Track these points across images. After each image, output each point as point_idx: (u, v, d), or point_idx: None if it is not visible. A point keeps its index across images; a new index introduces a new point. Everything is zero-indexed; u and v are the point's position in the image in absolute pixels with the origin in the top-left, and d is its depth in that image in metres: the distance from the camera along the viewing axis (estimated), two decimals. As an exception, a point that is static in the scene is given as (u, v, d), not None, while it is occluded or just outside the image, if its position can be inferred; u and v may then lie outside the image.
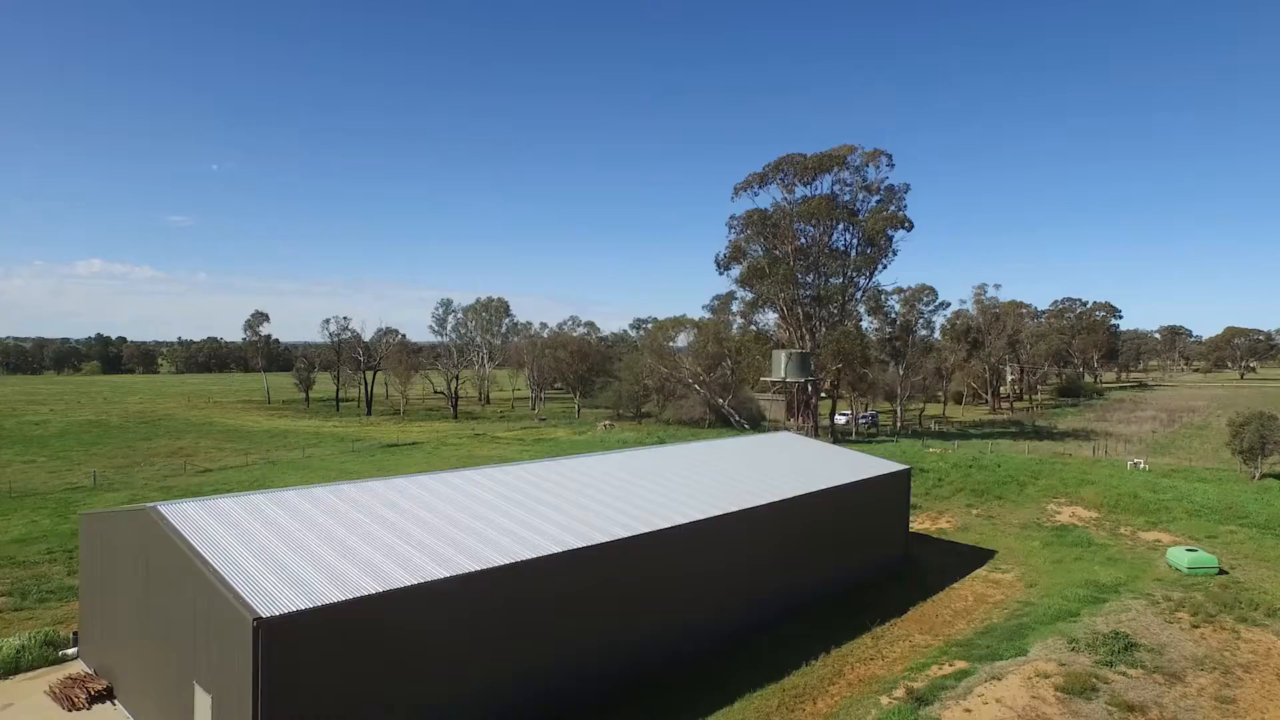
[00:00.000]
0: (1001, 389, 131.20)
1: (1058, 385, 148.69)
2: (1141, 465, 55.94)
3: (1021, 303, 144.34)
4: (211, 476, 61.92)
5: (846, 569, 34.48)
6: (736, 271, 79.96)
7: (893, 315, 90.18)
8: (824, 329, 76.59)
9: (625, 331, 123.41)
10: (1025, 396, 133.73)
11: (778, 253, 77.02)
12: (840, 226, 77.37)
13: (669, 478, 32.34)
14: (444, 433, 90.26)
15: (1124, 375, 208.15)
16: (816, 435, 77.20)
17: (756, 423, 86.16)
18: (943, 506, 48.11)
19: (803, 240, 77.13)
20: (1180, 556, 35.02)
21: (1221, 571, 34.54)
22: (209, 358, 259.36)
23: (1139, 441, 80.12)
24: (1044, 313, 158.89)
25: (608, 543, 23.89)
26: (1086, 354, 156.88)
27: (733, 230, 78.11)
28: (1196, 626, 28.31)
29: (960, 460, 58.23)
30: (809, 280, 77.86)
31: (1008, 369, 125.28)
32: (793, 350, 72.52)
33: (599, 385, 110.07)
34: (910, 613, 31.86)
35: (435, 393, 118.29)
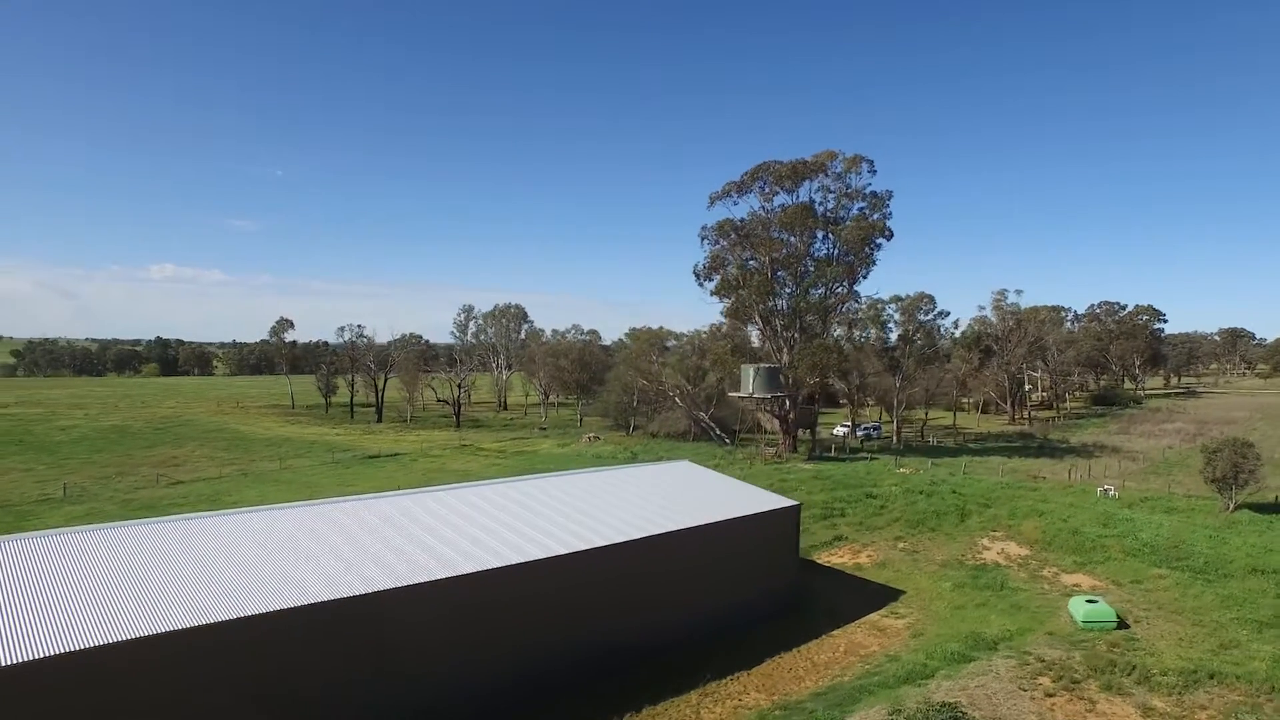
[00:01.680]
0: (1033, 396, 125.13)
1: (1093, 393, 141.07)
2: (1111, 492, 52.20)
3: (1058, 307, 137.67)
4: (178, 489, 63.59)
5: (714, 613, 32.92)
6: (715, 283, 78.01)
7: (888, 325, 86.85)
8: (802, 341, 74.08)
9: (622, 340, 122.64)
10: (1054, 405, 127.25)
11: (753, 263, 74.87)
12: (820, 235, 74.80)
13: (524, 512, 31.50)
14: (434, 443, 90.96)
15: (1175, 380, 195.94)
16: (795, 449, 74.89)
17: (733, 436, 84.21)
18: (871, 538, 45.68)
19: (784, 250, 74.81)
20: (1078, 608, 32.22)
21: (1122, 625, 31.63)
22: (259, 359, 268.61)
23: (1145, 459, 75.11)
24: (1082, 316, 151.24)
25: (395, 589, 23.13)
26: (1126, 359, 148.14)
27: (706, 241, 76.27)
28: (1051, 695, 25.87)
29: (916, 484, 55.34)
30: (788, 291, 75.50)
31: (1024, 377, 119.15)
32: (760, 365, 70.39)
33: (598, 394, 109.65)
34: (764, 665, 30.13)
35: (438, 400, 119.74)
